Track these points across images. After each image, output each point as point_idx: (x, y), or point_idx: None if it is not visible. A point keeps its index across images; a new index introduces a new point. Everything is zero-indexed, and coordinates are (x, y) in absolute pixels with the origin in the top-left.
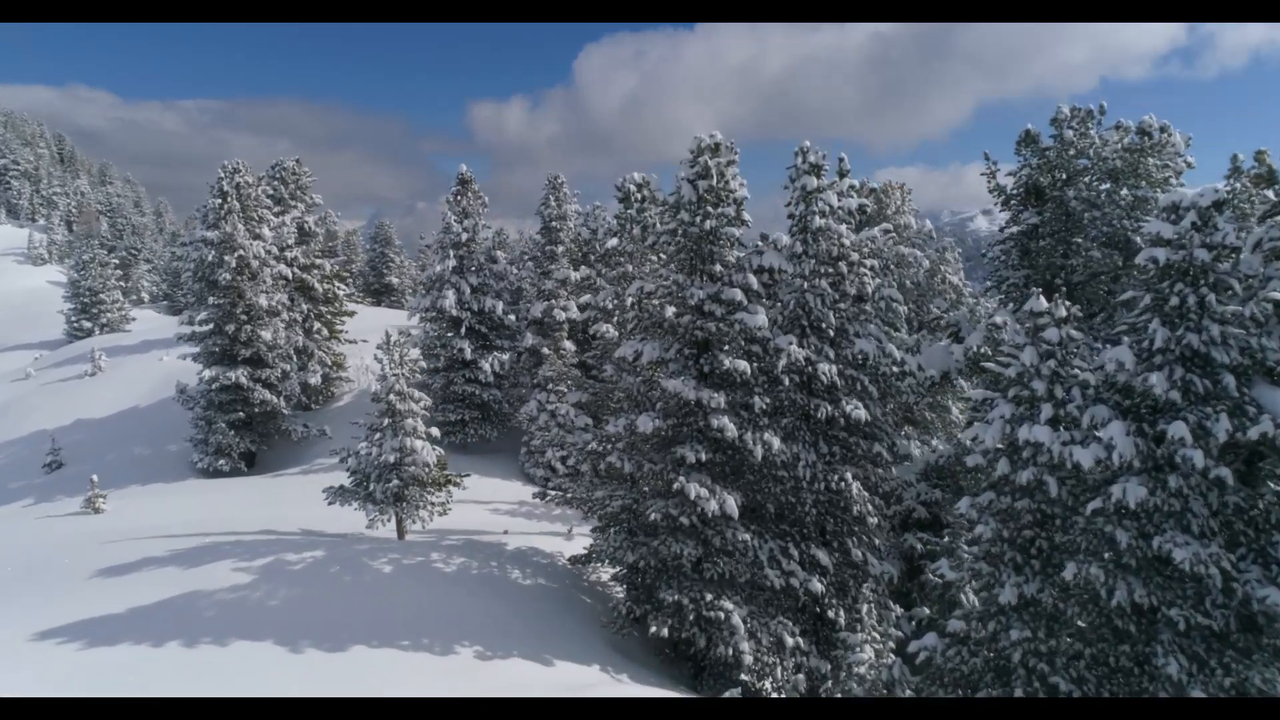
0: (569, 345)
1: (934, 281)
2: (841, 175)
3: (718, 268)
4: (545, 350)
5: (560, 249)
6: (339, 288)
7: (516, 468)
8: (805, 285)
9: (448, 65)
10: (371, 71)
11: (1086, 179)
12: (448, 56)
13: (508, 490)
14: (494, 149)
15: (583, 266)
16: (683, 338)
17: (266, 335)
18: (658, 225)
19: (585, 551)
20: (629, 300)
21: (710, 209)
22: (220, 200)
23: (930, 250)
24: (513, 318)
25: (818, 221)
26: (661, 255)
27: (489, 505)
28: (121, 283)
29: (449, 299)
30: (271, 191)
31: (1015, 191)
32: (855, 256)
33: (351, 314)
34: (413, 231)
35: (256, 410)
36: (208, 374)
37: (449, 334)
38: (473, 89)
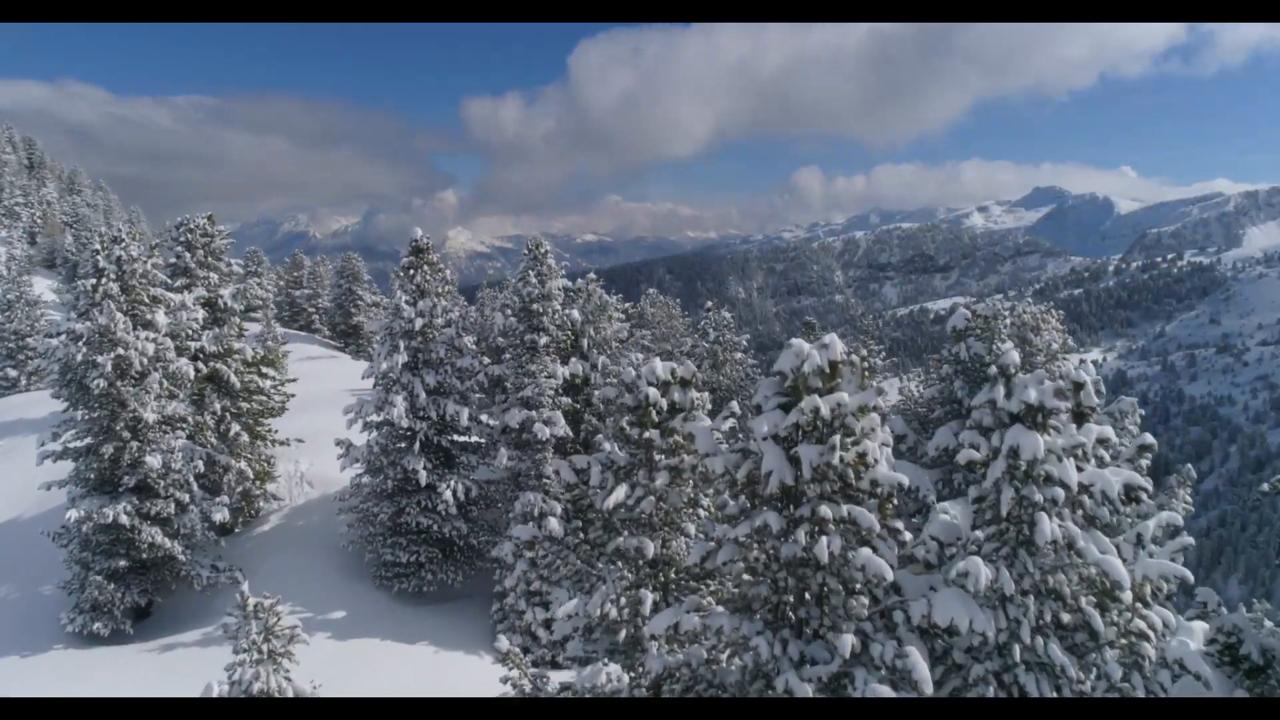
0: (553, 473)
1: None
2: (1084, 419)
3: (846, 636)
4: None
5: (544, 339)
6: (266, 375)
7: (488, 627)
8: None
9: (442, 61)
10: (366, 68)
11: None
12: (442, 53)
13: (472, 674)
14: (490, 146)
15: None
16: None
17: (154, 462)
18: (700, 468)
19: None
20: (650, 632)
21: (827, 513)
22: (94, 281)
23: (1099, 413)
24: (486, 418)
25: (1048, 530)
26: (725, 576)
27: None
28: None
29: (398, 406)
30: (174, 260)
31: None
32: (1128, 596)
33: (282, 410)
34: (409, 229)
35: (145, 555)
36: (75, 514)
37: (400, 446)
38: (467, 85)
